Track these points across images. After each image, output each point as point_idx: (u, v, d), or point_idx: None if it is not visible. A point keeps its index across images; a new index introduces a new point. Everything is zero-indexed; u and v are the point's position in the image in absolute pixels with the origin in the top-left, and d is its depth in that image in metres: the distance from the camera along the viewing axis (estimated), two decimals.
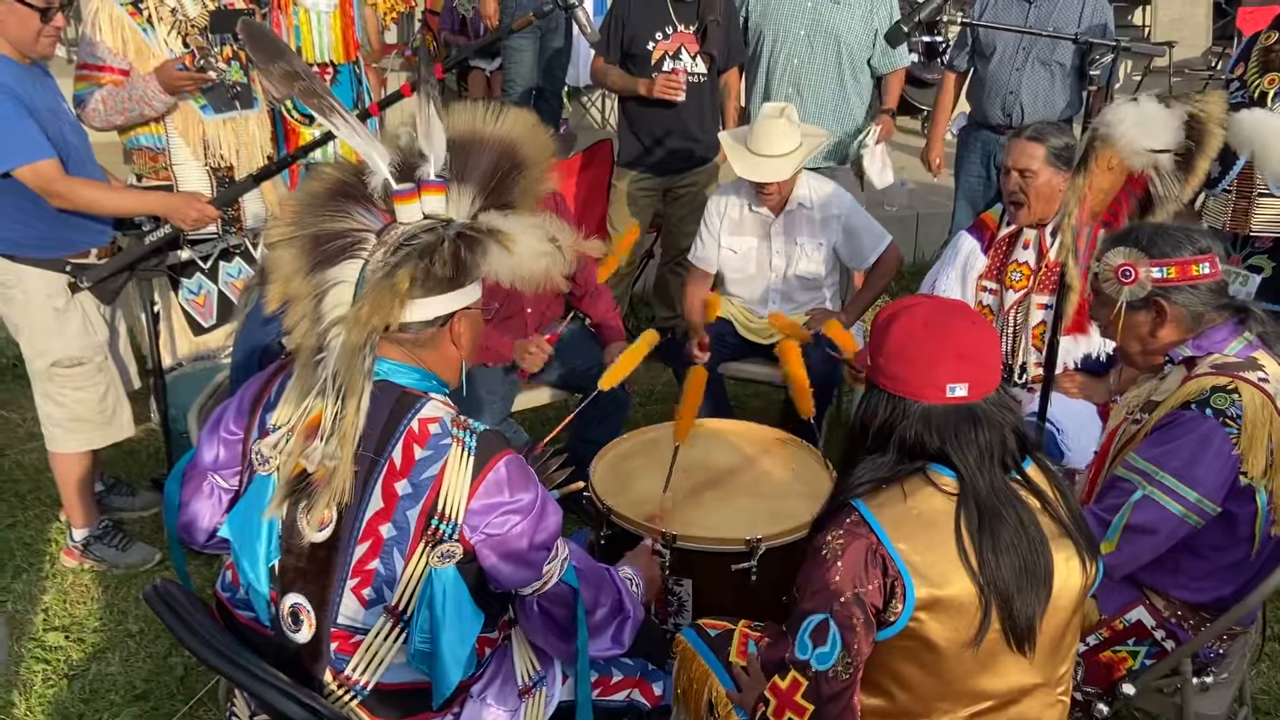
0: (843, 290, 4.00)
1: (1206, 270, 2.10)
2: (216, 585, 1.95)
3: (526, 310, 3.46)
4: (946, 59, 4.84)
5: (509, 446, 1.70)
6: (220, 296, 3.59)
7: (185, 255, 3.37)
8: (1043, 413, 2.67)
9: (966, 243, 3.29)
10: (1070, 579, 1.68)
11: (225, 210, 3.39)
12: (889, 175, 4.32)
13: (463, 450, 1.66)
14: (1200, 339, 2.12)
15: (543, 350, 3.31)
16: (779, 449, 2.81)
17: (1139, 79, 8.52)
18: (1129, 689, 2.14)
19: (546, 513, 1.72)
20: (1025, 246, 3.16)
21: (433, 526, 1.64)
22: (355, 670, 1.72)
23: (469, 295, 1.74)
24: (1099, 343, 3.03)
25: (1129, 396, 2.28)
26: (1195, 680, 2.16)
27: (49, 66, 3.06)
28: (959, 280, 3.27)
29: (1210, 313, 2.12)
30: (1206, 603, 2.15)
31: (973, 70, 4.50)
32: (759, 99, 4.33)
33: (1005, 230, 3.20)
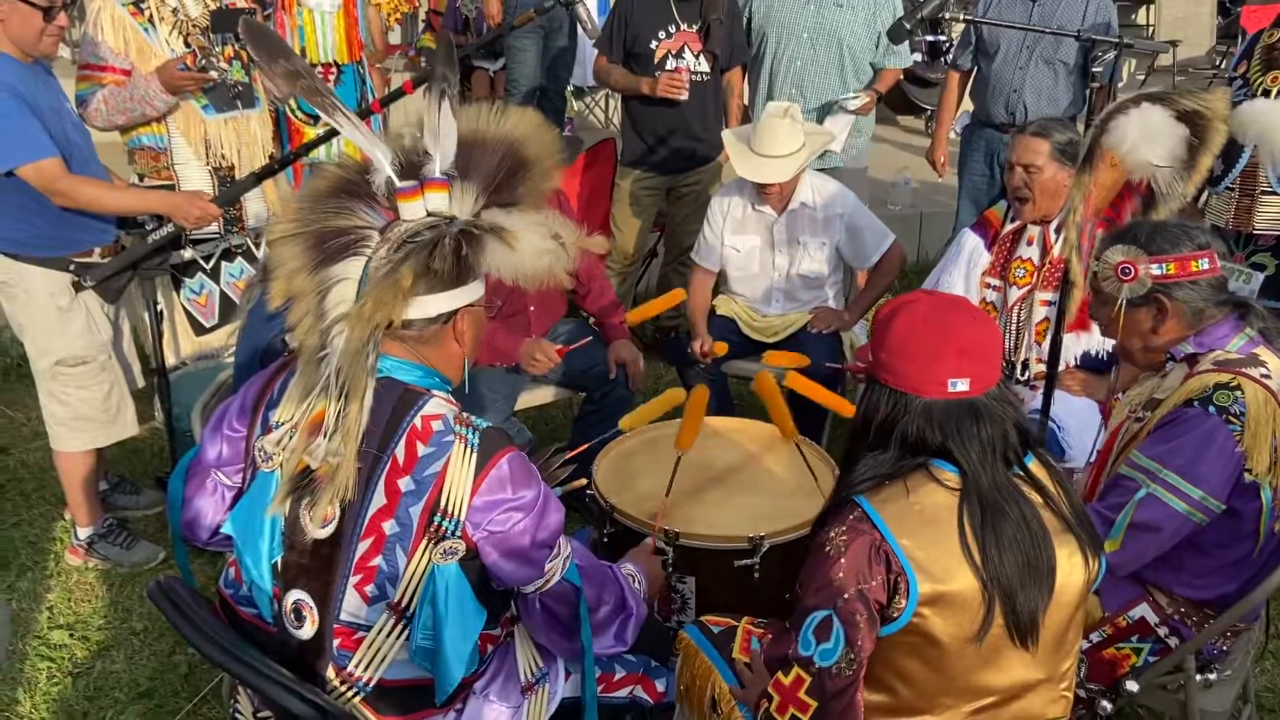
0: (846, 289, 4.00)
1: (1205, 266, 2.10)
2: (219, 582, 1.95)
3: (530, 308, 3.46)
4: (950, 58, 4.84)
5: (511, 444, 1.71)
6: (222, 296, 3.59)
7: (188, 255, 3.38)
8: (1046, 409, 2.67)
9: (970, 239, 3.29)
10: (1073, 574, 1.68)
11: (227, 210, 3.40)
12: (839, 144, 4.27)
13: (465, 447, 1.66)
14: (1202, 335, 2.11)
15: (551, 360, 3.30)
16: (781, 446, 2.80)
17: (1142, 78, 8.52)
18: (1132, 686, 2.14)
19: (549, 510, 1.72)
20: (1029, 243, 3.16)
21: (435, 523, 1.65)
22: (358, 666, 1.72)
23: (472, 292, 1.74)
24: (1099, 340, 3.03)
25: (1131, 394, 2.27)
26: (1199, 677, 2.16)
27: (53, 67, 3.06)
28: (963, 277, 3.26)
29: (1211, 308, 2.12)
30: (1210, 599, 2.15)
31: (976, 69, 4.50)
32: (762, 100, 4.34)
33: (1009, 227, 3.20)
